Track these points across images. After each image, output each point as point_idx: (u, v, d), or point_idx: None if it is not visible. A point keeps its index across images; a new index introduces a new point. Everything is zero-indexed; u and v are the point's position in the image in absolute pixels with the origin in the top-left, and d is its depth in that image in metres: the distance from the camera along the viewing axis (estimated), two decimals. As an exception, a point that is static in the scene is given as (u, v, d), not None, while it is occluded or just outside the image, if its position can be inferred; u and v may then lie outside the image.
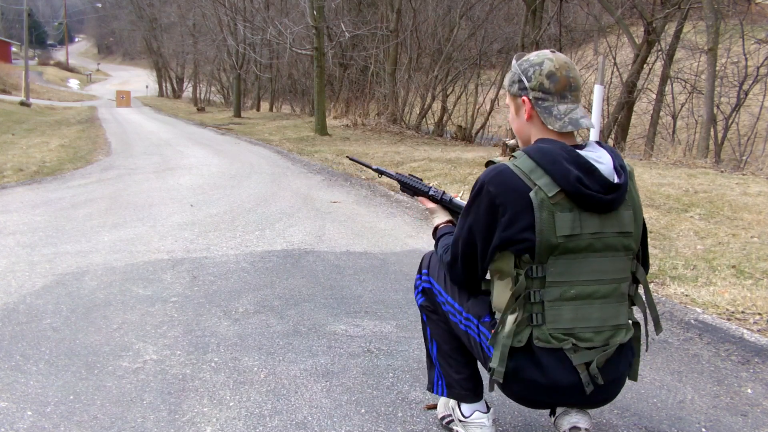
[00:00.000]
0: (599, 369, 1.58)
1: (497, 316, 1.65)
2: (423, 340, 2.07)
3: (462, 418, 1.94)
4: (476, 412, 1.91)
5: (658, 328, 1.74)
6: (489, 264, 1.65)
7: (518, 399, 1.70)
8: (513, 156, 1.60)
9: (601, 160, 1.56)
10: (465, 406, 1.93)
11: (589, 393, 1.59)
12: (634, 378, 1.74)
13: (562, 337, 1.56)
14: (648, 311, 1.73)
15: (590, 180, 1.50)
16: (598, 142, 1.64)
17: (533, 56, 1.63)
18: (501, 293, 1.62)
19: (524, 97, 1.63)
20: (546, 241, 1.51)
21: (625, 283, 1.63)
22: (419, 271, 2.00)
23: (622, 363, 1.65)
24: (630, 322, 1.67)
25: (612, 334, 1.61)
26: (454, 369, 1.91)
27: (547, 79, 1.59)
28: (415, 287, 2.01)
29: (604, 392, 1.65)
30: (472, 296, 1.78)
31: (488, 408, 1.94)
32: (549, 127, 1.60)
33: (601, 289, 1.58)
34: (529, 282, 1.55)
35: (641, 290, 1.72)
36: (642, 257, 1.72)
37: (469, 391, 1.91)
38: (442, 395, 1.98)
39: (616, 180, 1.54)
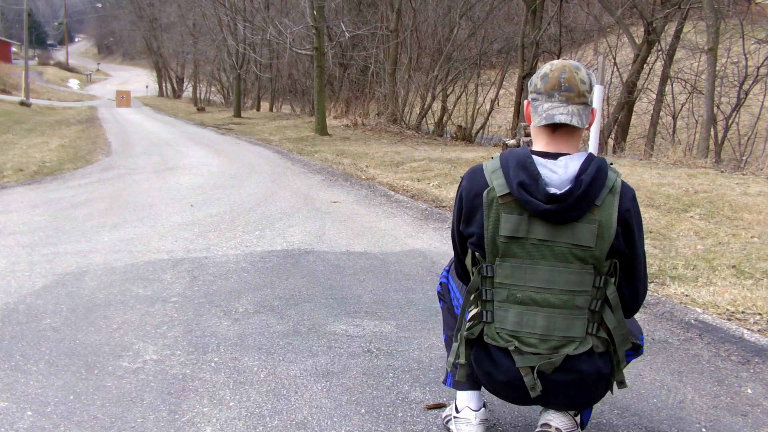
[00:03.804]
0: (550, 375, 1.62)
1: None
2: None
3: (455, 414, 1.97)
4: (466, 408, 1.94)
5: (621, 346, 1.67)
6: (463, 253, 1.78)
7: (492, 392, 1.79)
8: (492, 157, 1.71)
9: (557, 170, 1.58)
10: (459, 400, 1.96)
11: (534, 396, 1.63)
12: (610, 388, 1.72)
13: (508, 338, 1.64)
14: (613, 331, 1.65)
15: (534, 187, 1.55)
16: (590, 154, 1.64)
17: (547, 64, 1.73)
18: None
19: (527, 100, 1.73)
20: (490, 238, 1.61)
21: (583, 297, 1.61)
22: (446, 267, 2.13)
23: (583, 366, 1.62)
24: (589, 336, 1.63)
25: (561, 345, 1.61)
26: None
27: (540, 80, 1.67)
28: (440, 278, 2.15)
29: (562, 395, 1.66)
30: None
31: (480, 407, 1.95)
32: (533, 124, 1.68)
33: (550, 299, 1.60)
34: (483, 280, 1.66)
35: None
36: (627, 293, 1.68)
37: (465, 378, 1.95)
38: (449, 386, 2.05)
39: (560, 191, 1.54)
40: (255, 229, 5.07)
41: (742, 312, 3.14)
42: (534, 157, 1.61)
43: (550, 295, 1.60)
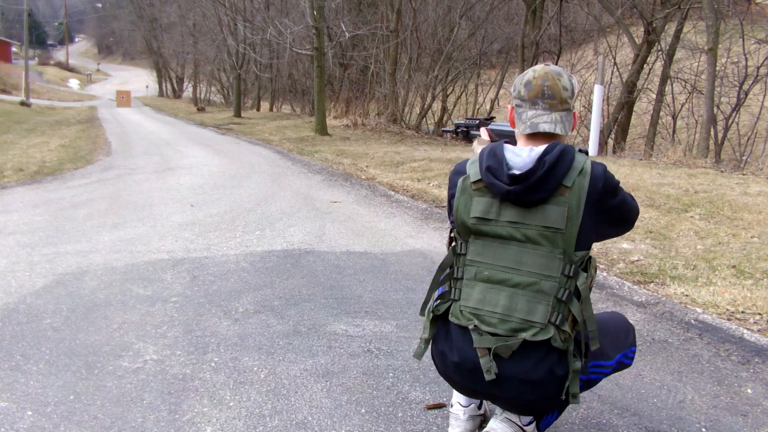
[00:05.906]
0: (504, 362, 1.59)
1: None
2: None
3: (449, 408, 2.04)
4: (456, 404, 1.99)
5: (593, 342, 1.63)
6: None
7: (445, 376, 1.78)
8: None
9: (521, 153, 1.64)
10: (453, 395, 2.02)
11: (489, 381, 1.59)
12: (569, 399, 1.61)
13: (469, 316, 1.65)
14: (581, 324, 1.62)
15: (499, 170, 1.62)
16: (555, 141, 1.65)
17: (529, 69, 1.77)
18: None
19: (510, 105, 1.79)
20: (461, 219, 1.68)
21: (549, 282, 1.58)
22: None
23: (538, 366, 1.58)
24: (551, 325, 1.58)
25: (520, 328, 1.58)
26: None
27: (523, 87, 1.72)
28: None
29: (513, 389, 1.61)
30: None
31: (470, 403, 1.97)
32: (518, 131, 1.74)
33: (515, 279, 1.61)
34: (456, 258, 1.71)
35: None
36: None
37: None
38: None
39: (519, 171, 1.59)
40: (255, 229, 5.07)
41: (742, 312, 3.14)
42: (505, 145, 1.68)
43: (515, 275, 1.61)
